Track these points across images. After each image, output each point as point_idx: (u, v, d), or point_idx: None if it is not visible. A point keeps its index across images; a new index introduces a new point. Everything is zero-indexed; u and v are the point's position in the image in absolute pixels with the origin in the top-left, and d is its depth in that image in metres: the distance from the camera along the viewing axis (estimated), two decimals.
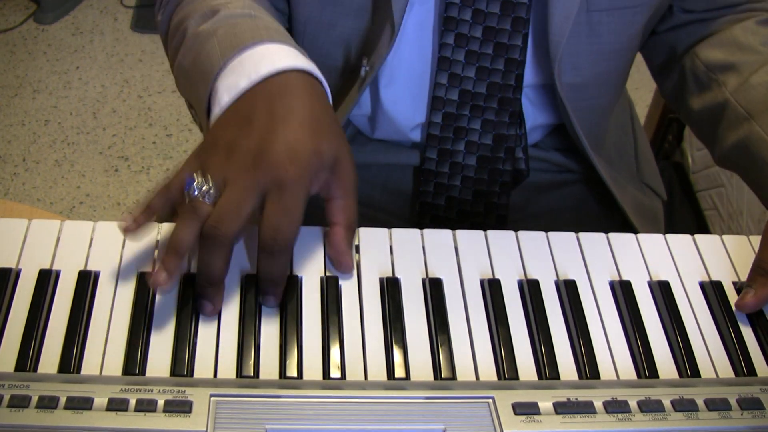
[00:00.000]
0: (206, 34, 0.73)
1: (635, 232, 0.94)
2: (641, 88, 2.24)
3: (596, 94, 0.88)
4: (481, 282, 0.67)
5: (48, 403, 0.53)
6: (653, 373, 0.63)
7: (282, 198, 0.61)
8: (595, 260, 0.70)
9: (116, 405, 0.54)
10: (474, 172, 0.89)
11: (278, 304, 0.63)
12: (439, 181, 0.89)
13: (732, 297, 0.69)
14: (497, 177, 0.89)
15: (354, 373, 0.60)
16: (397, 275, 0.67)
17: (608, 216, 0.98)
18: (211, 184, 0.61)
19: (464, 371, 0.61)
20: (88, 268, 0.64)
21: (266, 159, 0.61)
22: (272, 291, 0.62)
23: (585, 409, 0.57)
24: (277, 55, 0.67)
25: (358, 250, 0.68)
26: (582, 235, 0.72)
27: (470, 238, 0.70)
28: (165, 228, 0.68)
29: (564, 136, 0.94)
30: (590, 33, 0.81)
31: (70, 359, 0.58)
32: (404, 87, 0.88)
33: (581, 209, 0.98)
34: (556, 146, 0.98)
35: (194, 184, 0.61)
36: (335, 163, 0.64)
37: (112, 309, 0.62)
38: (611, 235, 0.72)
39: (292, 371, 0.59)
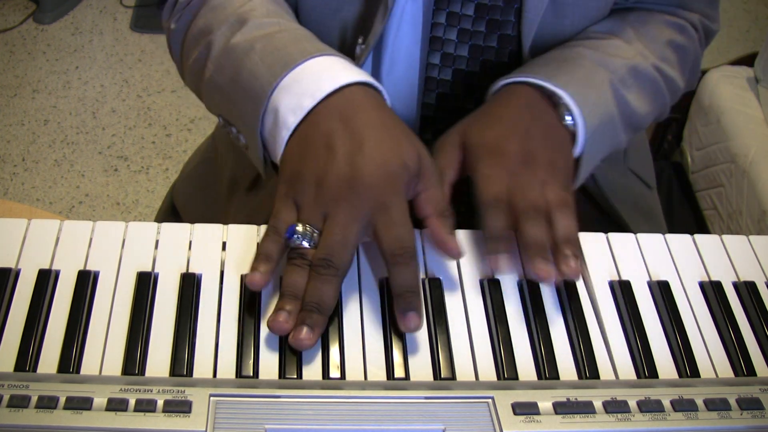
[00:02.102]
0: (243, 50, 0.72)
1: (626, 222, 0.94)
2: None
3: None
4: (481, 282, 0.67)
5: (47, 403, 0.53)
6: (653, 373, 0.63)
7: (390, 216, 0.63)
8: (595, 260, 0.70)
9: (116, 405, 0.54)
10: None
11: (420, 324, 0.62)
12: None
13: (732, 297, 0.69)
14: None
15: (353, 373, 0.60)
16: None
17: (600, 212, 0.97)
18: (310, 228, 0.62)
19: (464, 371, 0.61)
20: (88, 268, 0.64)
21: (361, 184, 0.62)
22: (414, 305, 0.62)
23: (584, 409, 0.57)
24: (333, 70, 0.68)
25: (358, 250, 0.68)
26: (581, 234, 0.72)
27: (470, 238, 0.70)
28: (164, 227, 0.68)
29: None
30: (555, 14, 0.82)
31: (70, 359, 0.58)
32: (404, 73, 0.87)
33: None
34: None
35: (297, 230, 0.62)
36: (419, 162, 0.66)
37: (112, 309, 0.62)
38: (611, 234, 0.72)
39: (291, 371, 0.59)
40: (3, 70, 2.43)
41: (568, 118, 0.74)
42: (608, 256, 0.71)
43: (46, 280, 0.63)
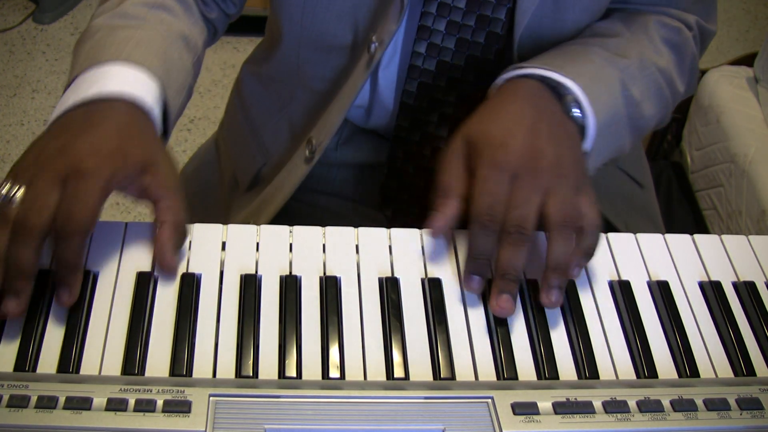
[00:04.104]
0: (90, 33, 0.74)
1: (612, 221, 0.94)
2: None
3: None
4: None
5: (47, 403, 0.53)
6: (652, 373, 0.63)
7: (78, 186, 0.60)
8: (595, 260, 0.70)
9: (115, 405, 0.54)
10: (445, 144, 0.88)
11: (72, 300, 0.60)
12: (410, 149, 0.90)
13: (731, 297, 0.69)
14: None
15: (353, 373, 0.60)
16: (397, 275, 0.67)
17: None
18: (11, 188, 0.60)
19: (463, 371, 0.61)
20: (87, 268, 0.64)
21: (67, 153, 0.62)
22: (66, 278, 0.60)
23: (584, 409, 0.57)
24: (115, 79, 0.68)
25: (358, 250, 0.68)
26: None
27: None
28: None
29: None
30: (556, 9, 0.81)
31: (69, 359, 0.58)
32: (399, 70, 0.87)
33: None
34: None
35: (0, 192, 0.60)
36: (149, 167, 0.64)
37: (111, 309, 0.62)
38: (610, 235, 0.72)
39: (291, 371, 0.59)
40: (2, 70, 2.43)
41: (575, 111, 0.72)
42: (608, 256, 0.71)
43: (45, 280, 0.63)
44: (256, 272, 0.65)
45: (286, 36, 0.88)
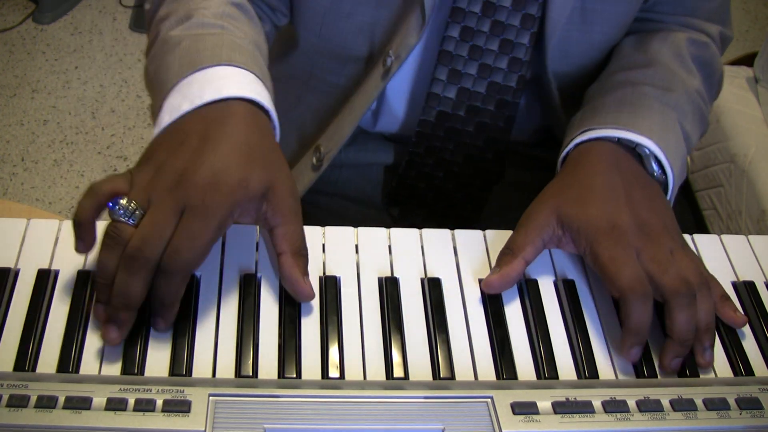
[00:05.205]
0: (172, 44, 0.71)
1: None
2: None
3: (582, 85, 0.88)
4: (480, 282, 0.67)
5: (47, 403, 0.53)
6: (652, 372, 0.63)
7: (193, 222, 0.59)
8: None
9: (115, 405, 0.54)
10: (459, 168, 0.89)
11: (167, 329, 0.60)
12: (423, 171, 0.89)
13: (731, 297, 0.69)
14: (482, 174, 0.89)
15: (353, 372, 0.60)
16: (396, 275, 0.67)
17: None
18: (135, 205, 0.60)
19: (463, 371, 0.61)
20: (87, 267, 0.64)
21: (189, 181, 0.60)
22: (161, 312, 0.60)
23: (584, 408, 0.57)
24: (227, 81, 0.66)
25: (357, 250, 0.68)
26: None
27: (469, 238, 0.70)
28: None
29: (550, 133, 0.94)
30: (583, 21, 0.81)
31: (69, 359, 0.58)
32: (410, 79, 0.87)
33: None
34: (540, 143, 0.98)
35: (120, 203, 0.59)
36: (268, 192, 0.63)
37: None
38: None
39: (290, 371, 0.59)
40: (2, 70, 2.43)
41: (656, 169, 0.72)
42: None
43: (45, 279, 0.63)
44: (256, 272, 0.65)
45: (301, 43, 0.88)
